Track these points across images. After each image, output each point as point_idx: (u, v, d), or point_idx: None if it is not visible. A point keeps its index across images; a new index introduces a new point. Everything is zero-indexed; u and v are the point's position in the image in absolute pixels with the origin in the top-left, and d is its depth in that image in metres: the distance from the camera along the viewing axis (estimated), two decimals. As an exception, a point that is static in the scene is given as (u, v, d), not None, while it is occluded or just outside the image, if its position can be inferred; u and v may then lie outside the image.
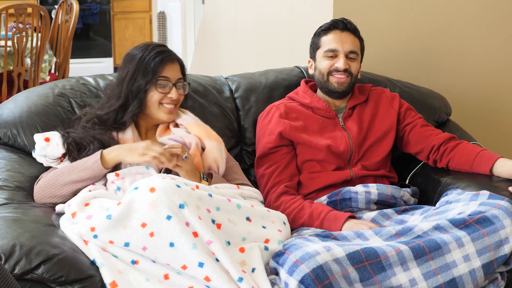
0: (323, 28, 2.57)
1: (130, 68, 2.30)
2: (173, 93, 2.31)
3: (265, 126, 2.56)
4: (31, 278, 1.80)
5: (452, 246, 1.99)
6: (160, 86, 2.30)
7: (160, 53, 2.31)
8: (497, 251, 2.01)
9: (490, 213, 2.03)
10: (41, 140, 2.24)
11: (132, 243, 1.91)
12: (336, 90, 2.55)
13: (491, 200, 2.08)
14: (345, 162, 2.52)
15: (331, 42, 2.54)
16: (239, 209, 2.08)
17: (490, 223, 2.02)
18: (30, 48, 4.64)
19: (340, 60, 2.52)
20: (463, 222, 2.03)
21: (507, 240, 2.01)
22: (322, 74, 2.55)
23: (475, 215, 2.04)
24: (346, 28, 2.55)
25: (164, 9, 7.46)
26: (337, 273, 1.90)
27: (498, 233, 2.02)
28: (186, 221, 1.91)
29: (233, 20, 4.18)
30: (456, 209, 2.11)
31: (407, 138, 2.60)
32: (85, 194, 2.08)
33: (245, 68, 3.21)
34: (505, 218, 2.03)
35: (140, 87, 2.28)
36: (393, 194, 2.41)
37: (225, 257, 1.90)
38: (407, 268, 1.96)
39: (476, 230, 2.01)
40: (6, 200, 2.12)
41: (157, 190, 1.92)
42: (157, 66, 2.29)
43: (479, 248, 2.01)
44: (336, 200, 2.41)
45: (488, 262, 2.00)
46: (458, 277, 1.99)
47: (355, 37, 2.56)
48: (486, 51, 3.21)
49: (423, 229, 2.05)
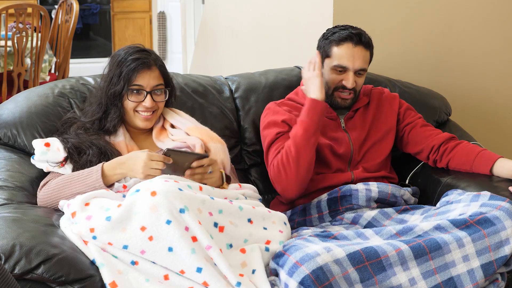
0: (336, 38, 2.49)
1: (110, 73, 2.29)
2: (147, 101, 2.27)
3: (269, 117, 2.55)
4: (31, 278, 1.80)
5: (452, 246, 1.99)
6: (132, 94, 2.28)
7: (135, 60, 2.26)
8: (497, 252, 2.01)
9: (491, 214, 2.03)
10: (40, 145, 2.23)
11: (131, 246, 1.91)
12: (339, 106, 2.53)
13: (492, 201, 2.08)
14: (346, 164, 2.52)
15: (343, 58, 2.47)
16: (241, 211, 2.08)
17: (491, 224, 2.02)
18: (30, 48, 4.64)
19: (349, 79, 2.47)
20: (464, 223, 2.03)
21: (507, 241, 2.01)
22: (328, 87, 2.51)
23: (476, 216, 2.04)
24: (360, 42, 2.48)
25: (164, 9, 7.45)
26: (337, 274, 1.90)
27: (498, 234, 2.02)
28: (186, 226, 1.90)
29: (233, 20, 4.18)
30: (457, 210, 2.11)
31: (407, 138, 2.59)
32: (86, 194, 2.08)
33: (245, 68, 3.21)
34: (506, 219, 2.03)
35: (115, 94, 2.27)
36: (393, 192, 2.41)
37: (223, 262, 1.89)
38: (407, 268, 1.96)
39: (477, 230, 2.01)
40: (6, 200, 2.12)
41: (158, 194, 1.91)
42: (130, 74, 2.25)
43: (479, 248, 2.01)
44: (337, 197, 2.41)
45: (487, 262, 2.00)
46: (456, 277, 1.99)
47: (367, 51, 2.50)
48: (486, 51, 3.21)
49: (423, 229, 2.05)
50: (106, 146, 2.25)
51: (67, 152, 2.22)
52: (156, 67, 2.30)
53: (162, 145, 2.34)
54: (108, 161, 2.18)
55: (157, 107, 2.33)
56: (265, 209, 2.17)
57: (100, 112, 2.30)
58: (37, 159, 2.24)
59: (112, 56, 2.32)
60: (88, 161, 2.21)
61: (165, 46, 7.52)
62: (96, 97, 2.34)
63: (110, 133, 2.31)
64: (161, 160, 2.10)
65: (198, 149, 2.29)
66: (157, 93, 2.30)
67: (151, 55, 2.31)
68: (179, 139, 2.33)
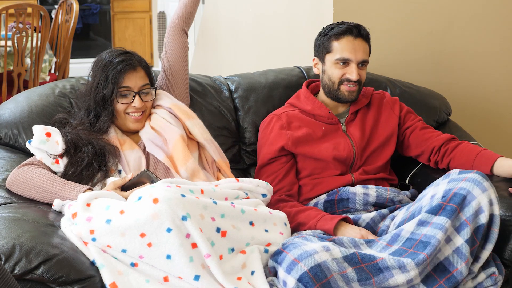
0: (335, 33, 2.48)
1: (95, 78, 2.31)
2: (136, 102, 2.30)
3: (267, 135, 2.54)
4: (31, 278, 1.80)
5: (439, 236, 1.99)
6: (121, 96, 2.29)
7: (120, 62, 2.28)
8: (475, 223, 2.00)
9: (459, 187, 2.03)
10: (41, 133, 2.22)
11: (129, 251, 1.91)
12: (346, 99, 2.51)
13: (459, 175, 2.08)
14: (347, 167, 2.51)
15: (344, 51, 2.46)
16: (243, 214, 2.08)
17: (461, 197, 2.01)
18: (30, 48, 4.64)
19: (353, 71, 2.45)
20: (439, 208, 2.02)
21: (481, 210, 2.01)
22: (332, 82, 2.50)
23: (446, 195, 2.03)
24: (359, 35, 2.47)
25: (164, 9, 7.45)
26: (335, 272, 1.90)
27: (470, 205, 2.01)
28: (187, 233, 1.90)
29: (233, 20, 4.18)
30: (429, 193, 2.11)
31: (407, 142, 2.59)
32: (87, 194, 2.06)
33: (245, 68, 3.21)
34: (474, 188, 2.02)
35: (105, 98, 2.28)
36: (391, 197, 2.41)
37: (219, 272, 1.89)
38: (406, 270, 1.96)
39: (453, 210, 2.00)
40: (6, 200, 2.12)
41: (160, 201, 1.90)
42: (117, 77, 2.27)
43: (457, 225, 2.00)
44: (334, 200, 2.41)
45: (470, 237, 1.99)
46: (444, 259, 1.99)
47: (367, 44, 2.50)
48: (486, 51, 3.21)
49: (409, 230, 2.05)
50: (105, 146, 2.25)
51: (66, 146, 2.21)
52: (141, 67, 2.33)
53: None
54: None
55: (145, 108, 2.34)
56: (266, 210, 2.17)
57: (90, 117, 2.31)
58: (34, 145, 2.21)
59: (95, 61, 2.34)
60: (81, 159, 2.21)
61: (165, 46, 7.52)
62: (84, 102, 2.35)
63: (102, 133, 2.31)
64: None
65: (173, 143, 2.29)
66: (144, 93, 2.33)
67: (135, 57, 2.34)
68: (159, 125, 2.34)
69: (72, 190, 2.13)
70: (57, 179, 2.17)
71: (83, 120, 2.31)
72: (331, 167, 2.49)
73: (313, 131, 2.51)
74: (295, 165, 2.51)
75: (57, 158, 2.22)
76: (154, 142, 2.32)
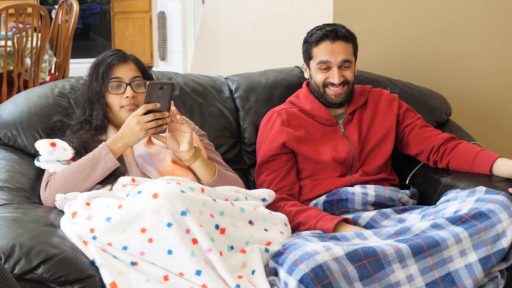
0: (314, 40, 2.50)
1: (89, 77, 2.34)
2: (128, 91, 2.30)
3: (267, 132, 2.54)
4: (31, 278, 1.80)
5: (450, 242, 2.00)
6: (113, 87, 2.30)
7: (110, 55, 2.32)
8: (495, 245, 2.01)
9: (486, 207, 2.04)
10: (46, 145, 2.19)
11: (130, 247, 1.91)
12: (334, 102, 2.52)
13: (487, 196, 2.09)
14: (347, 169, 2.51)
15: (323, 55, 2.47)
16: (242, 212, 2.08)
17: (487, 218, 2.02)
18: (30, 48, 4.64)
19: (334, 75, 2.46)
20: (459, 219, 2.04)
21: (504, 234, 2.02)
22: (318, 86, 2.52)
23: (471, 211, 2.04)
24: (337, 37, 2.47)
25: (164, 9, 7.45)
26: (336, 272, 1.90)
27: (495, 227, 2.02)
28: (187, 228, 1.90)
29: (233, 20, 4.18)
30: (453, 207, 2.12)
31: (406, 140, 2.59)
32: (86, 193, 2.08)
33: (245, 68, 3.21)
34: (501, 212, 2.03)
35: (96, 92, 2.29)
36: (391, 196, 2.41)
37: (222, 266, 1.90)
38: (405, 265, 1.97)
39: (473, 225, 2.02)
40: (6, 200, 2.12)
41: (160, 196, 1.91)
42: (108, 68, 2.30)
43: (476, 242, 2.01)
44: (333, 200, 2.41)
45: (485, 256, 2.00)
46: (454, 272, 2.00)
47: (348, 43, 2.49)
48: (485, 51, 3.21)
49: (421, 228, 2.06)
50: None
51: (75, 149, 2.21)
52: (131, 60, 2.36)
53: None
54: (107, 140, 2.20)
55: (138, 101, 2.32)
56: (266, 211, 2.17)
57: (86, 115, 2.32)
58: (44, 159, 2.19)
59: (91, 64, 2.37)
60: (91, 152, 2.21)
61: (165, 46, 7.53)
62: (80, 102, 2.37)
63: (101, 130, 2.31)
64: (147, 111, 2.15)
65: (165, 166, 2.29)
66: (136, 84, 2.33)
67: (126, 53, 2.37)
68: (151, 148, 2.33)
69: (99, 154, 2.16)
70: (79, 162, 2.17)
71: (80, 119, 2.32)
72: (331, 169, 2.49)
73: (312, 132, 2.51)
74: (296, 165, 2.51)
75: (70, 162, 2.21)
76: (146, 160, 2.30)
